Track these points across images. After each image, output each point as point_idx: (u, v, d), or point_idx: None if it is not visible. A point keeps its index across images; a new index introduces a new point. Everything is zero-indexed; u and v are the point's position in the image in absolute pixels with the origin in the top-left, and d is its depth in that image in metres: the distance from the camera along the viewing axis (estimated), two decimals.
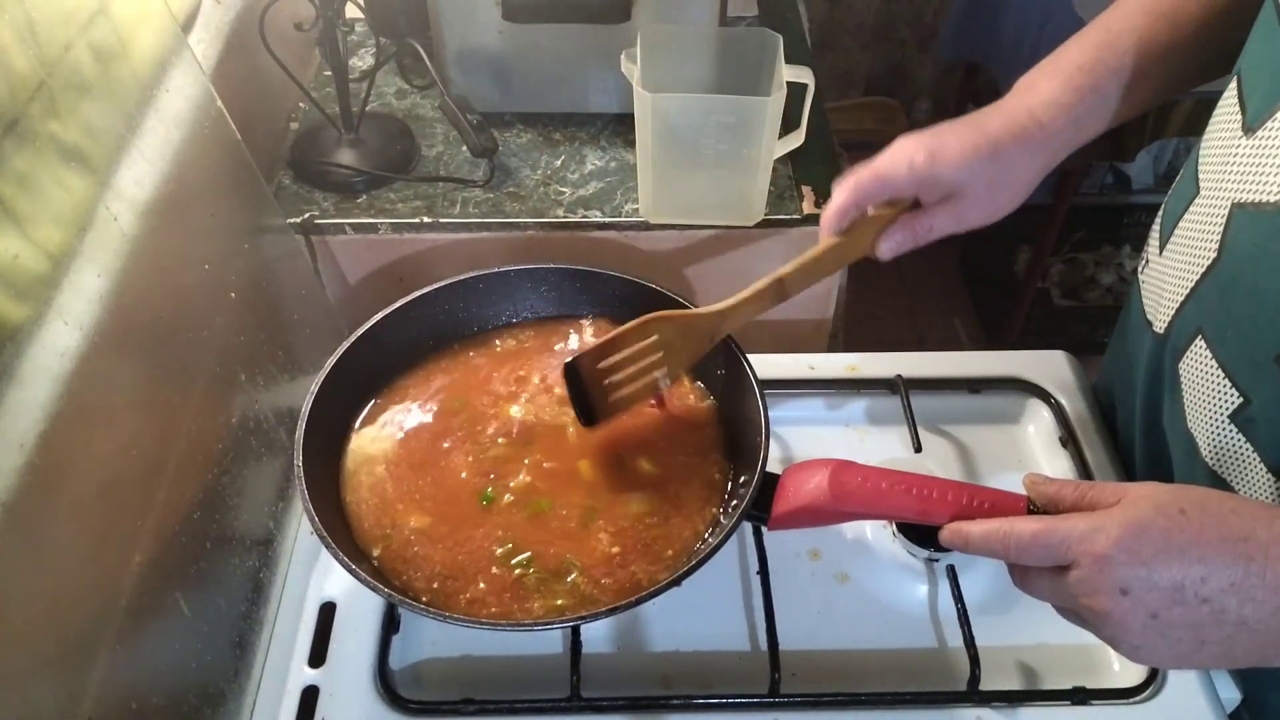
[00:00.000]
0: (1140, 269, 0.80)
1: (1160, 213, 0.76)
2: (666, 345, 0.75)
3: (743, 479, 0.75)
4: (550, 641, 0.77)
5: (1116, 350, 0.87)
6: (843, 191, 0.72)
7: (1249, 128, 0.62)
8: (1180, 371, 0.70)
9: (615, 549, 0.73)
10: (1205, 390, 0.67)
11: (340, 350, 0.79)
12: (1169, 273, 0.72)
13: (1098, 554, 0.53)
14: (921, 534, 0.79)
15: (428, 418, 0.81)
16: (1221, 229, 0.64)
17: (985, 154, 0.69)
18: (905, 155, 0.70)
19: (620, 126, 1.18)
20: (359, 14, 1.20)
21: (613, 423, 0.78)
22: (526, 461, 0.78)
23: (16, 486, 0.51)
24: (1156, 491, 0.54)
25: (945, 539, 0.62)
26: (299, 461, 0.71)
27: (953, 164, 0.69)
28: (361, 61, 1.26)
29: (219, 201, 0.82)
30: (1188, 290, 0.69)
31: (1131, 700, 0.72)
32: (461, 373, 0.84)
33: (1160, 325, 0.73)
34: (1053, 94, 0.71)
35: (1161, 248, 0.74)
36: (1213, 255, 0.65)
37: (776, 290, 0.75)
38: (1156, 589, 0.51)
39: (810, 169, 1.13)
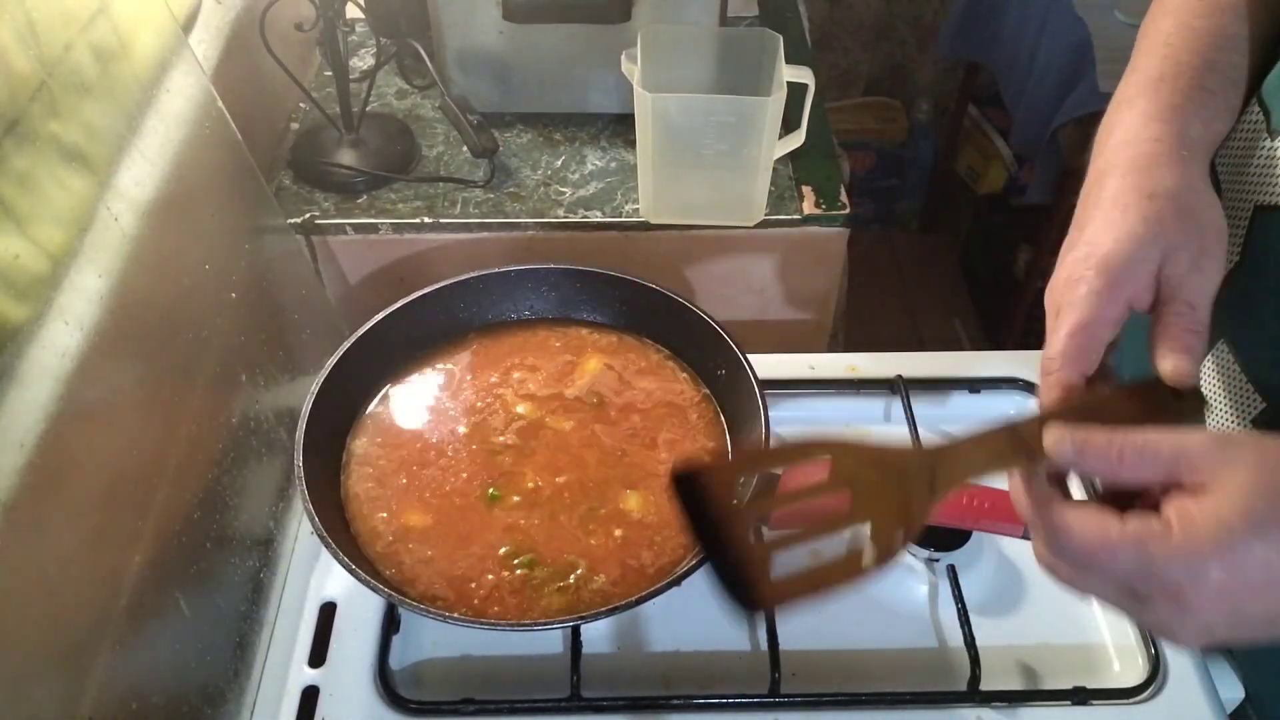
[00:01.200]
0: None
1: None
2: (860, 492, 0.51)
3: (743, 479, 0.74)
4: (550, 641, 0.77)
5: (1125, 352, 0.86)
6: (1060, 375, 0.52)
7: (1274, 130, 0.61)
8: (1201, 376, 0.70)
9: (617, 549, 0.73)
10: (1227, 395, 0.66)
11: (341, 350, 0.79)
12: None
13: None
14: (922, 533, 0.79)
15: (428, 418, 0.81)
16: (1244, 232, 0.63)
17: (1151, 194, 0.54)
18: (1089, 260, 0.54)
19: (620, 126, 1.18)
20: (359, 14, 1.20)
21: (612, 418, 0.78)
22: (528, 461, 0.78)
23: (16, 486, 0.51)
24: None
25: (1052, 442, 0.48)
26: (299, 461, 0.71)
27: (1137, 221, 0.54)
28: (362, 61, 1.26)
29: (219, 202, 0.82)
30: None
31: (1132, 700, 0.72)
32: (462, 373, 0.84)
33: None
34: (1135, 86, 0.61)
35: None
36: (1235, 259, 0.64)
37: (1012, 441, 0.50)
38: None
39: (810, 169, 1.13)
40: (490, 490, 0.76)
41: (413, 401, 0.82)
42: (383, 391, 0.83)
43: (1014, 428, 0.51)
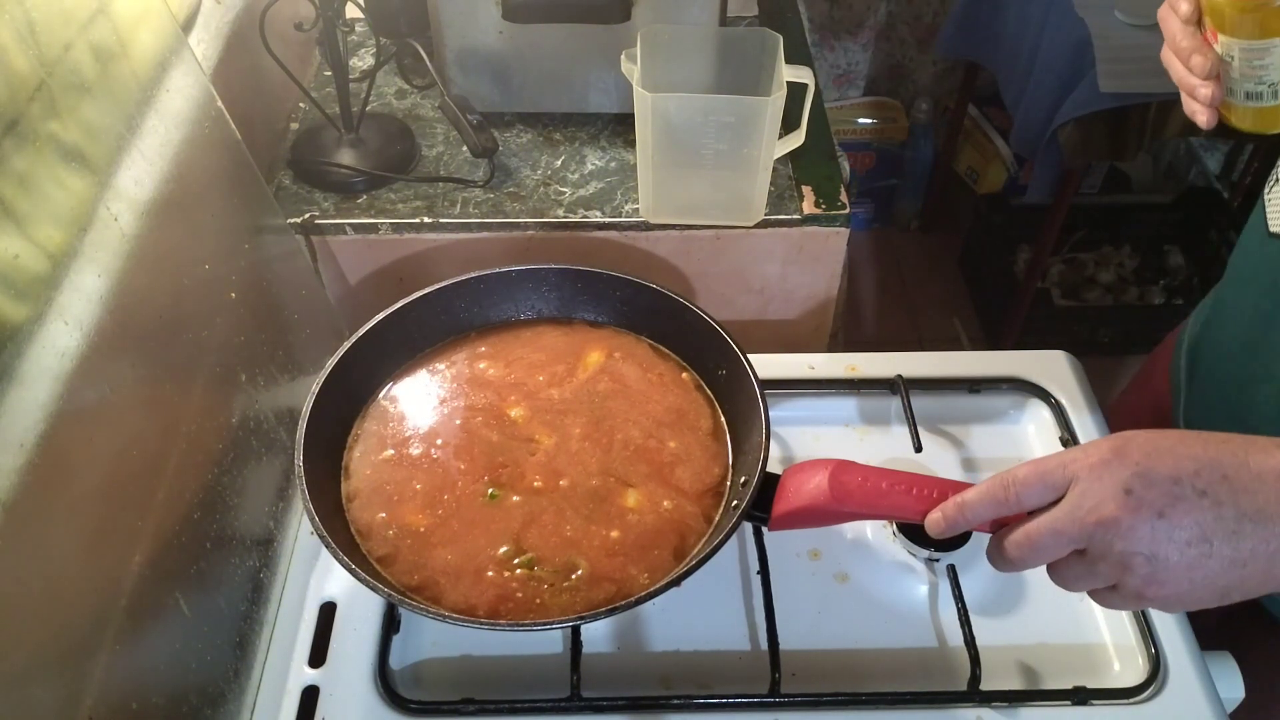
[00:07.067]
0: (1268, 189, 0.80)
1: None
2: None
3: (743, 479, 0.75)
4: (550, 641, 0.77)
5: (1224, 293, 0.87)
6: None
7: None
8: None
9: (617, 549, 0.73)
10: None
11: (342, 350, 0.79)
12: None
13: (1093, 463, 0.54)
14: (922, 533, 0.78)
15: (429, 417, 0.81)
16: None
17: None
18: None
19: (620, 126, 1.18)
20: (359, 14, 1.20)
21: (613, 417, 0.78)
22: (528, 461, 0.78)
23: (16, 486, 0.51)
24: (1132, 430, 0.57)
25: (944, 515, 0.61)
26: (299, 461, 0.71)
27: None
28: (361, 61, 1.26)
29: (219, 201, 0.82)
30: None
31: (1131, 700, 0.72)
32: (463, 373, 0.84)
33: None
34: None
35: None
36: None
37: None
38: (1156, 484, 0.53)
39: (810, 169, 1.13)
40: (490, 490, 0.76)
41: (413, 401, 0.82)
42: (383, 391, 0.83)
43: None
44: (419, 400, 0.82)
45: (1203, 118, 0.69)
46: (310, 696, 0.73)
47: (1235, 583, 0.53)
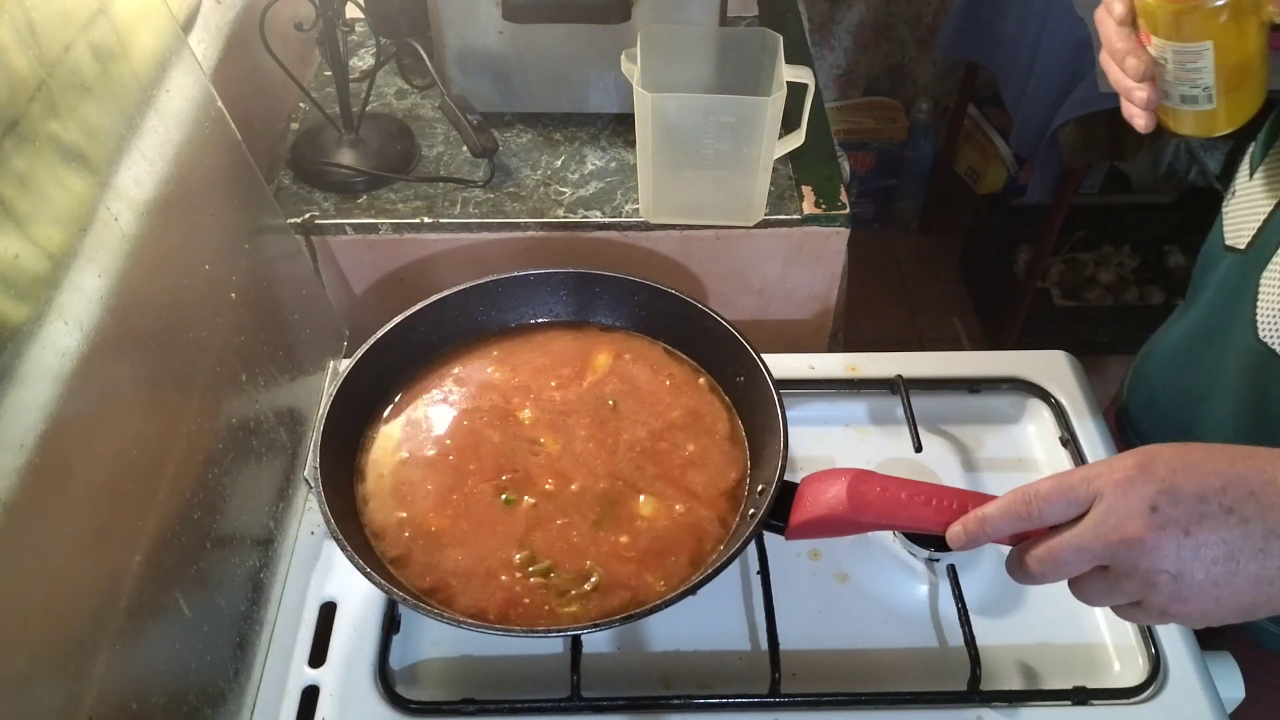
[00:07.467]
0: (1226, 202, 0.80)
1: (1252, 145, 0.77)
2: None
3: (760, 487, 0.74)
4: (551, 642, 0.77)
5: (1180, 304, 0.88)
6: None
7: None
8: (1260, 284, 0.71)
9: (630, 554, 0.72)
10: None
11: (359, 353, 0.79)
12: (1258, 194, 0.73)
13: (1118, 479, 0.54)
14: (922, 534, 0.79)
15: (444, 420, 0.81)
16: None
17: None
18: None
19: (620, 126, 1.18)
20: (359, 14, 1.20)
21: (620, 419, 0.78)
22: (543, 466, 0.78)
23: (16, 486, 0.51)
24: (1156, 445, 0.56)
25: (964, 529, 0.61)
26: (315, 463, 0.71)
27: None
28: (361, 61, 1.26)
29: (219, 201, 0.82)
30: (1274, 204, 0.71)
31: (1132, 700, 0.72)
32: (478, 376, 0.84)
33: (1243, 242, 0.74)
34: None
35: (1252, 173, 0.75)
36: None
37: None
38: (1182, 501, 0.52)
39: (810, 169, 1.13)
40: (505, 495, 0.76)
41: (428, 404, 0.82)
42: (399, 394, 0.83)
43: None
44: (431, 403, 0.82)
45: (1140, 121, 0.68)
46: (310, 696, 0.73)
47: (1261, 600, 0.53)
